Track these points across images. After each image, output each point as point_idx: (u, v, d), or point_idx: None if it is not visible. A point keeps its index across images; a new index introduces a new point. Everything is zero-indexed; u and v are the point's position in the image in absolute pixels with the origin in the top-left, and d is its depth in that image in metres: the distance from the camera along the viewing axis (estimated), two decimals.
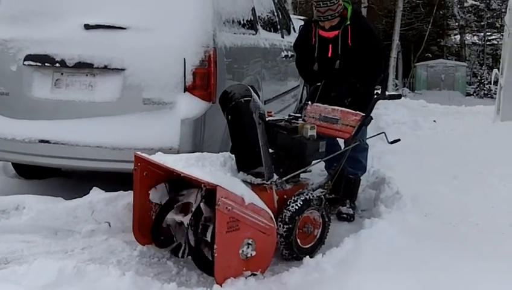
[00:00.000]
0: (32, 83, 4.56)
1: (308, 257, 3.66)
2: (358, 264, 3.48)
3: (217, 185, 3.15)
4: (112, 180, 4.59)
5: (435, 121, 9.98)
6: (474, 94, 26.83)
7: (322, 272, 3.44)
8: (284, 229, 3.70)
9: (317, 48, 4.77)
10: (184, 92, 4.32)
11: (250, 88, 3.88)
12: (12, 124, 4.57)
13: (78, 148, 4.38)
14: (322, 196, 4.05)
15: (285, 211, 3.74)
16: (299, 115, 4.48)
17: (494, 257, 3.76)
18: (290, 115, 4.40)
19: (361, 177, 5.14)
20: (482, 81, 26.95)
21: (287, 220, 3.71)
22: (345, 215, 4.77)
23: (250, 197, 3.35)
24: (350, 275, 3.35)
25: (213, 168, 3.64)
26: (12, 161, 5.16)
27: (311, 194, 3.91)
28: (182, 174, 3.46)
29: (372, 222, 4.24)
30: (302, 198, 3.81)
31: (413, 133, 8.77)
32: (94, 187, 4.29)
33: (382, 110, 9.56)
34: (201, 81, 4.33)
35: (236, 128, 3.89)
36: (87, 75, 4.48)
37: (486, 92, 26.32)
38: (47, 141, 4.44)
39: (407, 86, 28.31)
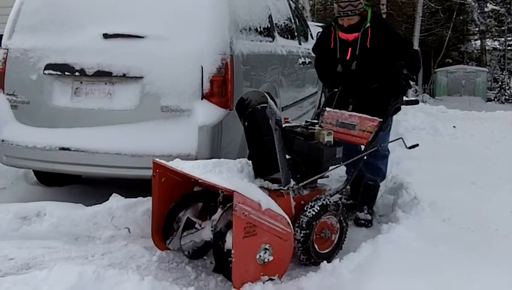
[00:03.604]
0: (53, 92, 4.63)
1: (325, 262, 3.67)
2: (376, 269, 3.47)
3: (234, 191, 3.17)
4: (131, 187, 4.64)
5: (454, 126, 9.94)
6: (495, 99, 26.46)
7: (339, 277, 3.44)
8: (301, 235, 3.71)
9: (339, 50, 4.73)
10: (201, 99, 4.36)
11: (267, 94, 3.91)
12: (33, 132, 4.65)
13: (97, 156, 4.45)
14: (339, 202, 4.06)
15: (302, 216, 3.75)
16: (316, 121, 4.49)
17: None
18: (307, 121, 4.41)
19: (380, 183, 5.13)
20: (503, 86, 26.62)
21: (304, 225, 3.72)
22: (362, 221, 4.77)
23: (267, 202, 3.36)
24: (367, 280, 3.34)
25: (230, 174, 3.67)
26: (34, 169, 5.23)
27: (328, 199, 3.91)
28: (199, 180, 3.49)
29: (390, 227, 4.24)
30: (319, 203, 3.81)
31: (433, 139, 8.75)
32: (114, 194, 4.34)
33: (401, 116, 9.48)
34: (218, 89, 4.37)
35: (253, 135, 3.92)
36: (106, 84, 4.54)
37: (507, 97, 26.01)
38: (67, 149, 4.51)
39: (427, 92, 28.05)
